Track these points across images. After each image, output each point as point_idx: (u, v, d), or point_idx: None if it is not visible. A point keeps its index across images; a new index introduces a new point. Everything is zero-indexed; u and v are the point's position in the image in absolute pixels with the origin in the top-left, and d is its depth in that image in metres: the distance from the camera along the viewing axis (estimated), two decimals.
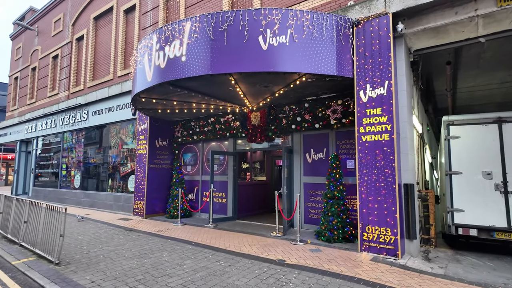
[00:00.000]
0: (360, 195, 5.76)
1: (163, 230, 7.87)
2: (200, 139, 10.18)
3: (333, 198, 6.66)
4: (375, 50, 5.80)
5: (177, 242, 6.62)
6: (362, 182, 5.75)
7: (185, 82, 6.47)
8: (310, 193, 7.73)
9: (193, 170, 10.50)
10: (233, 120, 9.30)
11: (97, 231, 7.86)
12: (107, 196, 11.83)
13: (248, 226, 8.32)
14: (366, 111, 5.82)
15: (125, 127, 11.64)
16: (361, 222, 5.69)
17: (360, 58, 5.96)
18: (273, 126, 8.34)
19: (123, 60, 12.24)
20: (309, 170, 7.81)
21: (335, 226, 6.44)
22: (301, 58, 5.73)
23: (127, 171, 11.26)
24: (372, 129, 5.73)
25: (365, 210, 5.67)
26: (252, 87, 6.74)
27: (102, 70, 13.32)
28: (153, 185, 10.04)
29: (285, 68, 5.68)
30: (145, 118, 10.15)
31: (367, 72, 5.87)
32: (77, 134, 14.23)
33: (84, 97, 13.40)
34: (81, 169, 13.65)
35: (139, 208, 9.96)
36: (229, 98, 7.65)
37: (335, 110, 7.28)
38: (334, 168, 6.79)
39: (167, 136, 10.70)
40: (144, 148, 10.07)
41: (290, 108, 8.08)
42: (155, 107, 8.67)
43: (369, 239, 5.61)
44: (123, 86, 11.41)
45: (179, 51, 6.22)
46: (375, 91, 5.76)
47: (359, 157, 5.82)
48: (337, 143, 7.42)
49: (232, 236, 7.13)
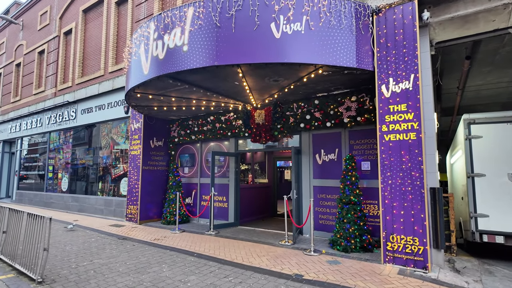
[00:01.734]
0: (383, 201, 5.20)
1: (160, 239, 7.17)
2: (198, 139, 9.51)
3: (349, 203, 6.10)
4: (398, 40, 5.26)
5: (177, 253, 5.95)
6: (385, 186, 5.19)
7: (186, 75, 5.82)
8: (321, 197, 7.15)
9: (190, 172, 9.81)
10: (235, 119, 8.67)
11: (87, 240, 7.11)
12: (97, 200, 11.03)
13: (253, 233, 7.69)
14: (389, 107, 5.27)
15: (117, 126, 10.87)
16: (384, 231, 5.13)
17: (382, 49, 5.40)
18: (279, 125, 7.73)
19: (115, 55, 11.48)
20: (319, 172, 7.23)
21: (351, 234, 5.87)
22: (318, 48, 5.14)
23: (119, 173, 10.50)
24: (397, 128, 5.17)
25: (389, 217, 5.11)
26: (260, 81, 6.13)
27: (92, 66, 12.52)
28: (147, 189, 9.32)
29: (300, 59, 5.08)
30: (139, 116, 9.43)
31: (389, 64, 5.32)
32: (64, 134, 13.37)
33: (72, 95, 12.57)
34: (69, 171, 12.80)
35: (133, 213, 9.22)
36: (233, 94, 7.01)
37: (349, 107, 6.72)
38: (349, 170, 6.23)
39: (163, 136, 9.99)
40: (138, 149, 9.34)
41: (298, 105, 7.49)
42: (150, 104, 7.98)
43: (393, 249, 5.05)
44: (115, 82, 10.65)
45: (180, 40, 5.56)
46: (399, 86, 5.21)
47: (381, 158, 5.26)
48: (351, 143, 6.86)
49: (237, 245, 6.49)
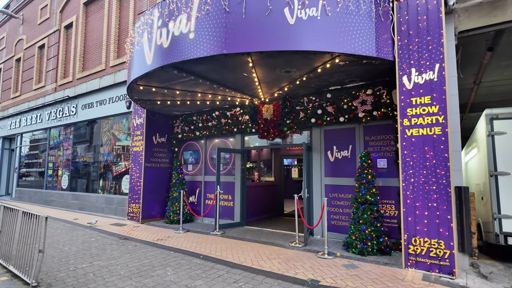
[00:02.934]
0: (405, 200, 4.82)
1: (164, 239, 6.82)
2: (203, 135, 9.14)
3: (365, 203, 5.72)
4: (422, 27, 4.87)
5: (182, 255, 5.59)
6: (407, 185, 4.81)
7: (192, 65, 5.44)
8: (333, 196, 6.77)
9: (194, 170, 9.45)
10: (241, 114, 8.29)
11: (87, 240, 6.77)
12: (98, 198, 10.69)
13: (260, 233, 7.33)
14: (412, 100, 4.88)
15: (118, 122, 10.52)
16: (406, 233, 4.75)
17: (403, 37, 5.01)
18: (288, 120, 7.36)
19: (116, 49, 11.12)
20: (331, 170, 6.85)
21: (368, 236, 5.49)
22: (335, 35, 4.76)
23: (121, 170, 10.15)
24: (420, 122, 4.79)
25: (411, 218, 4.73)
26: (270, 73, 5.75)
27: (93, 60, 12.16)
28: (150, 186, 8.97)
29: (316, 46, 4.70)
30: (141, 111, 9.07)
31: (412, 53, 4.93)
32: (65, 130, 13.03)
33: (72, 89, 12.23)
34: (70, 168, 12.47)
35: (134, 212, 8.88)
36: (240, 87, 6.64)
37: (364, 101, 6.34)
38: (365, 168, 5.85)
39: (166, 132, 9.63)
40: (140, 145, 8.99)
41: (309, 99, 7.11)
42: (153, 97, 7.61)
43: (416, 253, 4.67)
44: (116, 76, 10.30)
45: (186, 27, 5.19)
46: (422, 76, 4.82)
47: (403, 155, 4.88)
48: (366, 139, 6.47)
49: (245, 246, 6.13)
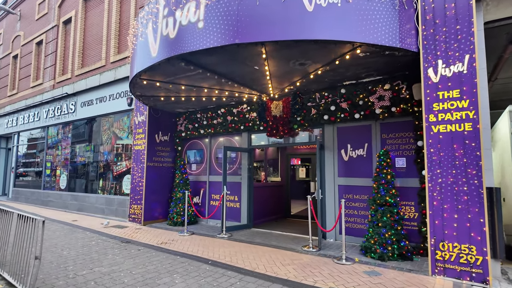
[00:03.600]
0: (431, 202, 4.47)
1: (168, 242, 6.45)
2: (207, 134, 8.78)
3: (384, 204, 5.37)
4: (449, 15, 4.52)
5: (189, 260, 5.22)
6: (433, 185, 4.47)
7: (201, 57, 5.08)
8: (347, 197, 6.42)
9: (198, 170, 9.09)
10: (248, 111, 7.93)
11: (87, 243, 6.39)
12: (97, 198, 10.31)
13: (269, 236, 6.96)
14: (438, 94, 4.53)
15: (119, 119, 10.14)
16: (433, 237, 4.40)
17: (428, 27, 4.66)
18: (299, 117, 7.00)
19: (117, 45, 10.74)
20: (345, 170, 6.50)
21: (388, 239, 5.14)
22: (356, 24, 4.41)
23: (122, 170, 9.77)
24: (447, 117, 4.44)
25: (438, 222, 4.39)
26: (284, 66, 5.39)
27: (93, 56, 11.78)
28: (152, 187, 8.60)
29: (337, 35, 4.35)
30: (143, 108, 8.70)
31: (438, 44, 4.58)
32: (63, 128, 12.63)
33: (71, 86, 11.83)
34: (68, 168, 12.07)
35: (136, 213, 8.50)
36: (249, 81, 6.28)
37: (382, 97, 5.99)
38: (384, 167, 5.50)
39: (169, 130, 9.26)
40: (142, 144, 8.62)
41: (322, 95, 6.75)
42: (157, 93, 7.24)
43: (444, 259, 4.32)
44: (117, 72, 9.92)
45: (195, 15, 4.83)
46: (450, 68, 4.47)
47: (428, 153, 4.53)
48: (383, 137, 6.12)
49: (255, 251, 5.77)
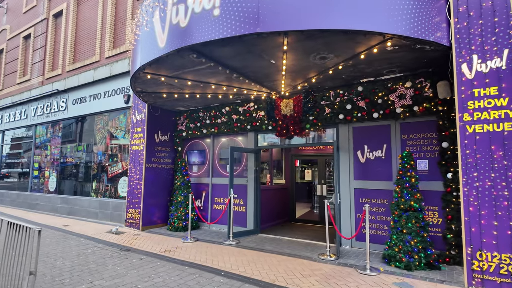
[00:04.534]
0: (466, 208, 4.14)
1: (172, 250, 5.96)
2: (210, 133, 8.31)
3: (408, 210, 5.02)
4: (486, 7, 4.21)
5: (199, 271, 4.76)
6: (469, 190, 4.14)
7: (215, 48, 4.64)
8: (364, 201, 6.06)
9: (200, 171, 8.61)
10: (255, 110, 7.51)
11: (82, 252, 5.84)
12: (90, 202, 9.69)
13: (279, 243, 6.54)
14: (474, 91, 4.21)
15: (114, 118, 9.56)
16: (469, 246, 4.07)
17: (461, 19, 4.35)
18: (311, 116, 6.62)
19: (112, 39, 10.16)
20: (361, 172, 6.14)
21: (414, 247, 4.79)
22: (388, 14, 4.06)
23: (117, 171, 9.20)
24: (484, 117, 4.13)
25: (475, 229, 4.06)
26: (303, 59, 5.00)
27: (85, 51, 11.15)
28: (151, 189, 8.08)
29: (368, 25, 3.98)
30: (142, 106, 8.17)
31: (473, 38, 4.27)
32: (52, 127, 11.93)
33: (62, 83, 11.17)
34: (58, 169, 11.38)
35: (134, 218, 7.96)
36: (262, 77, 5.86)
37: (403, 95, 5.66)
38: (407, 170, 5.16)
39: (168, 130, 8.76)
40: (141, 144, 8.09)
41: (336, 93, 6.39)
42: (159, 89, 6.75)
43: (482, 269, 3.99)
44: (113, 68, 9.35)
45: (210, 2, 4.38)
46: (487, 64, 4.16)
47: (463, 155, 4.21)
48: (403, 137, 5.80)
49: (269, 259, 5.34)
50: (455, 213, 5.06)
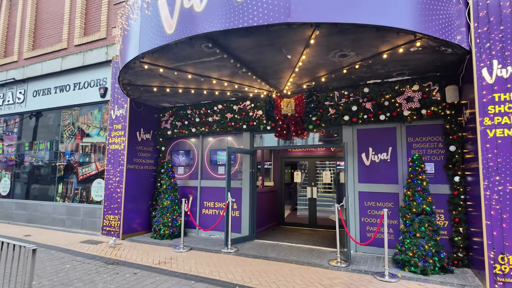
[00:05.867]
0: (488, 212, 4.16)
1: (167, 261, 5.35)
2: (200, 132, 7.74)
3: (421, 213, 4.99)
4: (505, 14, 4.28)
5: (210, 286, 4.25)
6: (491, 194, 4.16)
7: (233, 38, 4.18)
8: (368, 205, 5.97)
9: (187, 173, 7.98)
10: (252, 109, 7.11)
11: (60, 268, 5.00)
12: (56, 207, 8.54)
13: (281, 249, 6.21)
14: (494, 96, 4.26)
15: (87, 113, 8.55)
16: (492, 250, 4.08)
17: (482, 24, 4.39)
18: (314, 117, 6.40)
19: (83, 25, 9.11)
20: (366, 175, 6.04)
21: (428, 251, 4.75)
22: (421, 13, 3.95)
23: (90, 173, 8.21)
24: (504, 121, 4.18)
25: (497, 233, 4.08)
26: (322, 56, 4.73)
27: (49, 36, 9.89)
28: (132, 193, 7.30)
29: (402, 23, 3.82)
30: (123, 100, 7.36)
31: (493, 43, 4.32)
32: (6, 121, 10.42)
33: (20, 71, 9.79)
34: (13, 170, 9.93)
35: (112, 225, 7.12)
36: (270, 73, 5.49)
37: (410, 98, 5.65)
38: (418, 173, 5.12)
39: (151, 127, 8.02)
40: (121, 142, 7.27)
41: (341, 93, 6.24)
42: (150, 82, 6.08)
43: (504, 272, 4.02)
44: (86, 57, 8.36)
45: None
46: (507, 70, 4.23)
47: (484, 159, 4.23)
48: (409, 140, 5.79)
49: (279, 269, 4.98)
50: (462, 216, 5.14)
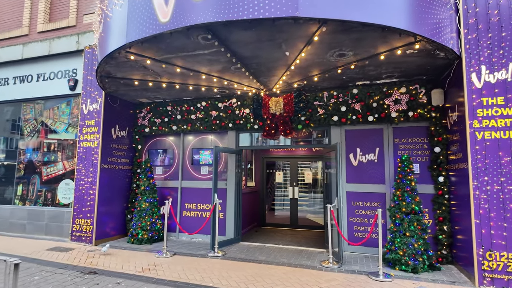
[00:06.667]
0: (477, 211, 4.33)
1: (151, 268, 4.96)
2: (181, 130, 7.35)
3: (410, 213, 5.10)
4: (493, 22, 4.50)
5: None
6: (479, 193, 4.34)
7: (235, 30, 3.96)
8: (356, 205, 6.02)
9: (166, 173, 7.55)
10: (238, 107, 6.89)
11: (28, 280, 4.41)
12: (14, 211, 7.65)
13: (269, 252, 6.06)
14: (482, 100, 4.46)
15: (53, 107, 7.77)
16: (481, 247, 4.26)
17: (471, 31, 4.58)
18: (303, 117, 6.34)
19: (48, 10, 8.29)
20: (354, 175, 6.09)
21: (418, 250, 4.87)
22: (421, 15, 4.03)
23: (57, 173, 7.46)
24: (492, 124, 4.39)
25: (485, 231, 4.27)
26: (321, 54, 4.65)
27: (7, 20, 8.88)
28: (106, 195, 6.75)
29: (405, 25, 3.85)
30: (97, 94, 6.77)
31: (481, 49, 4.52)
32: None
33: None
34: None
35: (84, 230, 6.51)
36: (264, 70, 5.32)
37: (398, 100, 5.79)
38: (407, 173, 5.25)
39: (127, 124, 7.48)
40: (95, 140, 6.69)
41: (330, 94, 6.24)
42: (132, 75, 5.64)
43: (491, 268, 4.21)
44: (53, 45, 7.60)
45: None
46: (494, 75, 4.45)
47: (473, 160, 4.40)
48: (395, 141, 5.92)
49: (273, 272, 4.82)
50: (446, 214, 5.35)
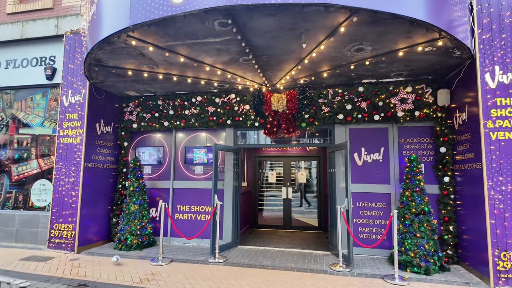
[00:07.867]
0: (491, 211, 4.32)
1: (150, 278, 4.47)
2: (174, 127, 6.84)
3: (419, 213, 5.03)
4: (507, 23, 4.52)
5: None
6: (495, 194, 4.33)
7: (258, 16, 3.60)
8: (361, 205, 5.89)
9: (156, 173, 6.99)
10: (237, 103, 6.51)
11: None
12: None
13: (272, 256, 5.75)
14: (496, 100, 4.46)
15: (25, 98, 6.91)
16: (496, 248, 4.24)
17: (485, 31, 4.57)
18: (307, 115, 6.10)
19: None
20: (359, 175, 5.95)
21: (429, 251, 4.80)
22: (448, 11, 3.93)
23: (30, 172, 6.64)
24: (505, 125, 4.40)
25: (500, 231, 4.26)
26: (339, 47, 4.41)
27: None
28: (90, 197, 6.10)
29: (433, 20, 3.72)
30: (80, 84, 6.10)
31: (495, 50, 4.53)
32: None
33: None
34: None
35: (64, 237, 5.82)
36: (274, 63, 5.01)
37: (404, 99, 5.72)
38: (416, 173, 5.17)
39: (112, 119, 6.84)
40: (77, 135, 6.01)
41: (335, 92, 6.05)
42: (126, 63, 5.09)
43: (506, 269, 4.21)
44: (26, 29, 6.77)
45: None
46: (507, 76, 4.47)
47: (488, 161, 4.39)
48: (400, 141, 5.86)
49: (286, 278, 4.52)
50: (452, 215, 5.34)
